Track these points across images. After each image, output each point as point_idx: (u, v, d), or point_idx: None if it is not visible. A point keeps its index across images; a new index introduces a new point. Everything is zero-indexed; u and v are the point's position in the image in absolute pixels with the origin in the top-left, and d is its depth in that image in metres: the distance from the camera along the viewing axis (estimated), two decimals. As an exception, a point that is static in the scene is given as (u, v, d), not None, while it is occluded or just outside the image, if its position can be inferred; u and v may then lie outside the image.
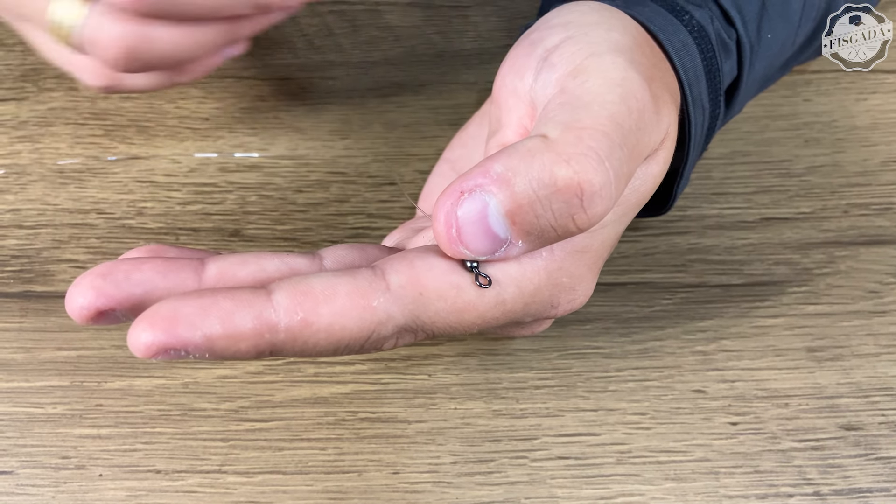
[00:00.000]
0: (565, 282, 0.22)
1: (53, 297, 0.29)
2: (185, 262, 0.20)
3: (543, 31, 0.23)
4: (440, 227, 0.20)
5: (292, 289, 0.19)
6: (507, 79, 0.23)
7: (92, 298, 0.19)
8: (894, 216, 0.31)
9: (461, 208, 0.19)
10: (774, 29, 0.28)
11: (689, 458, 0.27)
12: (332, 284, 0.19)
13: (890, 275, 0.30)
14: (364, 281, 0.20)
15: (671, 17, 0.25)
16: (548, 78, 0.22)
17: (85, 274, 0.19)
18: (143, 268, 0.19)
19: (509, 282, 0.21)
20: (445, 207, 0.19)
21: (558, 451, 0.27)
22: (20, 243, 0.30)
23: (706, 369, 0.28)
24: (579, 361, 0.28)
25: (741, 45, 0.27)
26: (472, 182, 0.19)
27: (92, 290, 0.19)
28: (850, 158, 0.33)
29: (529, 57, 0.23)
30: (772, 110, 0.33)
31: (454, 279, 0.20)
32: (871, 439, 0.27)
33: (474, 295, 0.20)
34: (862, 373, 0.28)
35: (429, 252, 0.21)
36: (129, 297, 0.19)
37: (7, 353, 0.28)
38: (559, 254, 0.22)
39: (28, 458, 0.26)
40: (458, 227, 0.19)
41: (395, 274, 0.20)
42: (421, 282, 0.20)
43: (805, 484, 0.27)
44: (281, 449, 0.27)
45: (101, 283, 0.19)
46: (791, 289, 0.30)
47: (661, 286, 0.30)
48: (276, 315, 0.19)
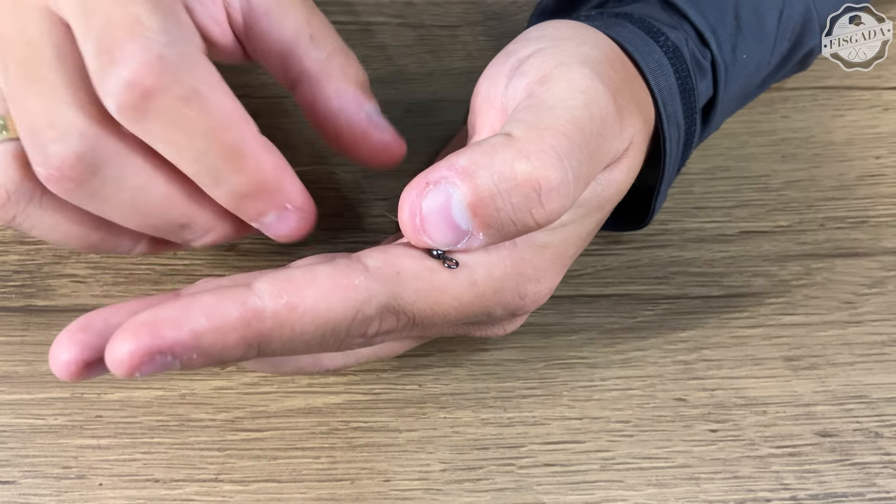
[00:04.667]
0: (530, 273, 0.23)
1: (54, 311, 0.30)
2: (164, 296, 0.20)
3: (519, 44, 0.24)
4: (405, 217, 0.21)
5: (273, 277, 0.19)
6: (482, 87, 0.25)
7: (76, 352, 0.19)
8: (869, 229, 0.32)
9: (426, 199, 0.20)
10: (749, 49, 0.29)
11: (670, 464, 0.28)
12: (311, 270, 0.20)
13: (865, 286, 0.31)
14: (342, 265, 0.20)
15: (647, 38, 0.26)
16: (518, 84, 0.23)
17: (63, 331, 0.19)
18: (120, 312, 0.19)
19: (478, 265, 0.22)
20: (411, 198, 0.20)
21: (544, 459, 0.28)
22: (22, 259, 0.31)
23: (687, 378, 0.29)
24: (565, 371, 0.29)
25: (716, 65, 0.28)
26: (437, 174, 0.20)
27: (74, 344, 0.19)
28: (826, 173, 0.34)
29: (503, 66, 0.24)
30: (751, 126, 0.34)
31: (427, 262, 0.21)
32: (846, 445, 0.28)
33: (447, 275, 0.21)
34: (837, 381, 0.29)
35: (400, 243, 0.22)
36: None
37: (9, 365, 0.29)
38: (522, 247, 0.23)
39: (30, 469, 0.27)
40: (421, 217, 0.20)
41: (370, 258, 0.21)
42: (396, 263, 0.21)
43: (782, 489, 0.28)
44: (276, 458, 0.28)
45: (81, 336, 0.19)
46: (769, 300, 0.31)
47: (643, 298, 0.31)
48: (260, 301, 0.19)
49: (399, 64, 0.36)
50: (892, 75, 0.36)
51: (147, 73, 0.19)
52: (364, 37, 0.36)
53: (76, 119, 0.21)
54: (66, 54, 0.21)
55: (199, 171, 0.21)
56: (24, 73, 0.21)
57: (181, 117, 0.20)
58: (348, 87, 0.25)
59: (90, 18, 0.20)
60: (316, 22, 0.25)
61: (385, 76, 0.36)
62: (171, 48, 0.20)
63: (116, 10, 0.20)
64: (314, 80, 0.25)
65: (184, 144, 0.21)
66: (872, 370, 0.30)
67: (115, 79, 0.20)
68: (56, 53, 0.21)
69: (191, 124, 0.20)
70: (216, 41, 0.25)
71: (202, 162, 0.21)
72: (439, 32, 0.37)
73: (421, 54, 0.36)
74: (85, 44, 0.20)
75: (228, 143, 0.21)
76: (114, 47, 0.20)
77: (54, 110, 0.21)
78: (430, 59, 0.36)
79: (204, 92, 0.20)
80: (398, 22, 0.37)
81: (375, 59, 0.36)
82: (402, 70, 0.36)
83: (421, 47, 0.36)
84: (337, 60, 0.25)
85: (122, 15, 0.20)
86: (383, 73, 0.36)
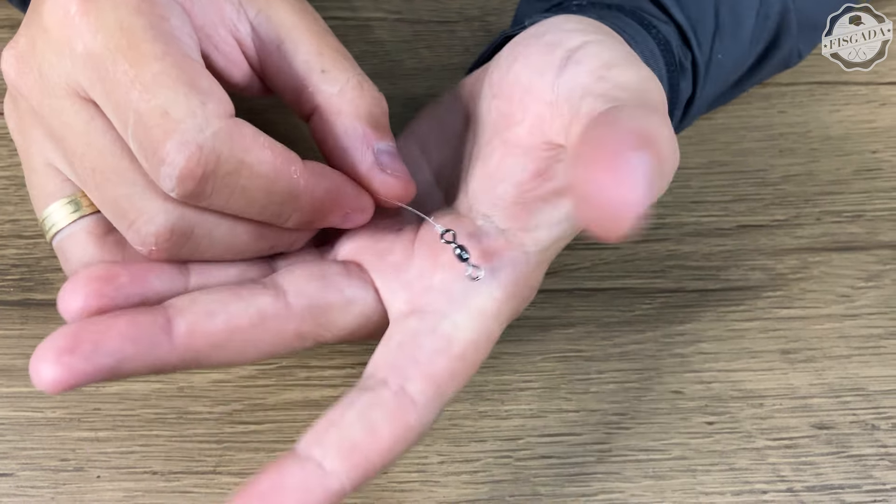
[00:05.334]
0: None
1: (52, 305, 0.30)
2: (151, 321, 0.21)
3: (559, 35, 0.23)
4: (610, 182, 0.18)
5: (339, 447, 0.21)
6: (521, 76, 0.23)
7: (65, 375, 0.20)
8: (866, 223, 0.32)
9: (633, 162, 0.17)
10: (726, 50, 0.29)
11: (667, 456, 0.28)
12: (370, 425, 0.22)
13: (861, 279, 0.31)
14: (394, 407, 0.22)
15: (640, 28, 0.27)
16: (576, 71, 0.22)
17: (48, 343, 0.20)
18: (111, 334, 0.20)
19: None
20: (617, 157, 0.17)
21: (542, 451, 0.28)
22: (20, 253, 0.31)
23: (684, 371, 0.29)
24: (562, 364, 0.29)
25: (696, 65, 0.28)
26: (629, 144, 0.17)
27: (60, 366, 0.20)
28: (823, 168, 0.34)
29: (550, 55, 0.23)
30: (748, 121, 0.35)
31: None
32: (842, 438, 0.28)
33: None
34: (834, 374, 0.29)
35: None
36: (101, 369, 0.20)
37: (8, 359, 0.29)
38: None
39: (28, 461, 0.27)
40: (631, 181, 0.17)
41: (412, 384, 0.23)
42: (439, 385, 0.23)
43: (779, 481, 0.28)
44: (274, 450, 0.28)
45: (69, 359, 0.20)
46: (766, 293, 0.31)
47: (640, 291, 0.31)
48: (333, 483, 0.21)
49: (396, 59, 0.36)
50: (888, 71, 0.36)
51: (193, 166, 0.20)
52: (362, 32, 0.37)
53: (154, 200, 0.22)
54: (115, 139, 0.22)
55: (266, 217, 0.23)
56: (90, 165, 0.22)
57: (235, 189, 0.21)
58: (357, 126, 0.24)
59: (123, 116, 0.21)
60: (328, 53, 0.25)
61: (382, 71, 0.36)
62: (204, 131, 0.21)
63: (143, 107, 0.20)
64: (325, 117, 0.25)
65: (244, 205, 0.22)
66: (869, 363, 0.30)
67: (167, 179, 0.21)
68: (108, 140, 0.22)
69: (245, 192, 0.22)
70: (236, 82, 0.25)
71: (265, 212, 0.23)
72: (437, 28, 0.37)
73: (418, 50, 0.36)
74: (129, 142, 0.21)
75: (282, 191, 0.22)
76: (155, 149, 0.21)
77: (132, 195, 0.22)
78: (428, 54, 0.36)
79: (247, 158, 0.21)
80: (396, 18, 0.37)
81: (373, 54, 0.36)
82: (400, 65, 0.36)
83: (418, 43, 0.36)
84: (349, 95, 0.24)
85: (150, 111, 0.20)
86: (381, 69, 0.36)
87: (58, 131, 0.23)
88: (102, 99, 0.21)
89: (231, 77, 0.25)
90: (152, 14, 0.21)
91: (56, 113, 0.22)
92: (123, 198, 0.22)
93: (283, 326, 0.23)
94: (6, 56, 0.23)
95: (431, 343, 0.23)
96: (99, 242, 0.24)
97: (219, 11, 0.24)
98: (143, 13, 0.21)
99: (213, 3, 0.24)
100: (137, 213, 0.22)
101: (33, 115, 0.24)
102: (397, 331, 0.24)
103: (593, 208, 0.17)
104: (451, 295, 0.24)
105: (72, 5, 0.21)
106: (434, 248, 0.24)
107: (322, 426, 0.22)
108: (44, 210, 0.25)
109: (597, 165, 0.17)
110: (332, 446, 0.21)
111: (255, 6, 0.24)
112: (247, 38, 0.25)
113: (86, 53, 0.21)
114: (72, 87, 0.22)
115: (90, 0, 0.21)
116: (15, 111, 0.25)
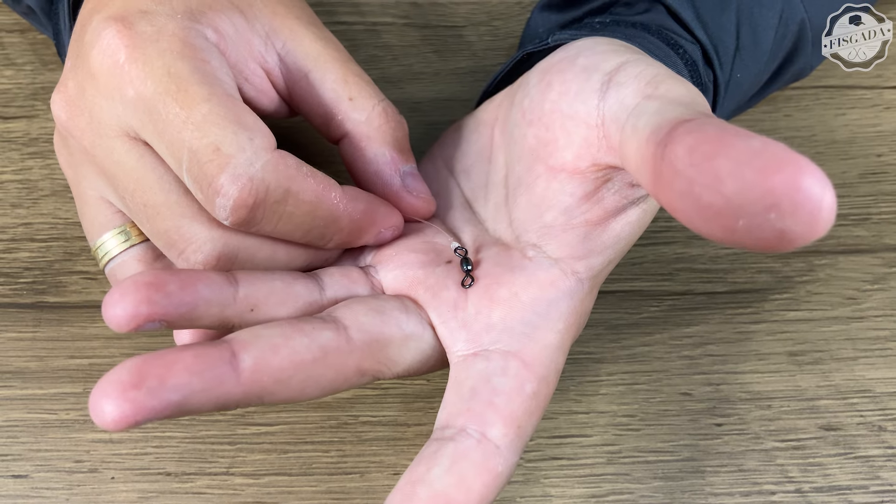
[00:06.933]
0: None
1: (65, 307, 0.30)
2: (217, 355, 0.20)
3: (594, 58, 0.23)
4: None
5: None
6: (560, 104, 0.23)
7: (130, 412, 0.19)
8: (872, 226, 0.33)
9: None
10: (745, 68, 0.30)
11: (676, 457, 0.28)
12: (464, 484, 0.21)
13: (867, 282, 0.32)
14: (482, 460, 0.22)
15: (669, 49, 0.27)
16: (620, 93, 0.22)
17: (111, 377, 0.19)
18: (177, 368, 0.19)
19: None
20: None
21: (552, 452, 0.28)
22: (33, 256, 0.31)
23: (692, 373, 0.30)
24: (571, 366, 0.30)
25: (717, 84, 0.29)
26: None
27: (125, 402, 0.19)
28: (829, 171, 0.34)
29: (588, 81, 0.23)
30: (753, 125, 0.35)
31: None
32: (849, 439, 0.29)
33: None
34: (841, 376, 0.30)
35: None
36: (167, 405, 0.19)
37: (22, 361, 0.29)
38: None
39: (42, 463, 0.28)
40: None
41: (493, 429, 0.23)
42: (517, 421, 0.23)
43: (787, 482, 0.28)
44: (286, 451, 0.28)
45: (134, 394, 0.19)
46: (773, 296, 0.31)
47: (649, 294, 0.31)
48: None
49: (405, 64, 0.36)
50: (893, 75, 0.36)
51: (245, 196, 0.22)
52: (370, 37, 0.37)
53: (202, 229, 0.24)
54: (165, 174, 0.24)
55: (309, 240, 0.25)
56: (141, 200, 0.24)
57: (283, 215, 0.23)
58: (385, 152, 0.26)
59: (177, 153, 0.22)
60: (353, 80, 0.26)
61: (391, 76, 0.36)
62: (254, 164, 0.22)
63: (196, 144, 0.22)
64: (355, 143, 0.26)
65: (290, 230, 0.24)
66: (875, 365, 0.30)
67: (222, 209, 0.22)
68: (158, 176, 0.24)
69: (291, 217, 0.23)
70: (266, 109, 0.26)
71: (309, 235, 0.24)
72: (445, 33, 0.37)
73: (426, 54, 0.36)
74: (183, 177, 0.23)
75: (324, 216, 0.24)
76: (210, 182, 0.22)
77: (181, 226, 0.24)
78: (436, 58, 0.36)
79: (293, 188, 0.23)
80: (404, 22, 0.37)
81: (382, 58, 0.36)
82: (408, 70, 0.36)
83: (426, 47, 0.37)
84: (376, 122, 0.26)
85: (204, 148, 0.22)
86: (389, 73, 0.36)
87: (110, 170, 0.24)
88: (155, 139, 0.23)
89: (261, 105, 0.26)
90: (195, 58, 0.23)
91: (108, 153, 0.24)
92: (173, 230, 0.24)
93: (345, 362, 0.22)
94: (56, 100, 0.25)
95: (504, 385, 0.23)
96: (148, 269, 0.26)
97: (248, 46, 0.25)
98: (186, 58, 0.22)
99: (243, 39, 0.25)
100: (186, 243, 0.24)
101: (84, 154, 0.25)
102: (466, 375, 0.24)
103: (779, 211, 0.16)
104: (513, 333, 0.24)
105: (120, 54, 0.23)
106: (487, 283, 0.25)
107: (407, 486, 0.21)
108: (97, 240, 0.26)
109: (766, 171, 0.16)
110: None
111: (281, 38, 0.26)
112: (275, 69, 0.26)
113: (136, 98, 0.22)
114: (123, 129, 0.23)
115: (137, 47, 0.22)
116: (65, 149, 0.26)
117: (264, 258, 0.25)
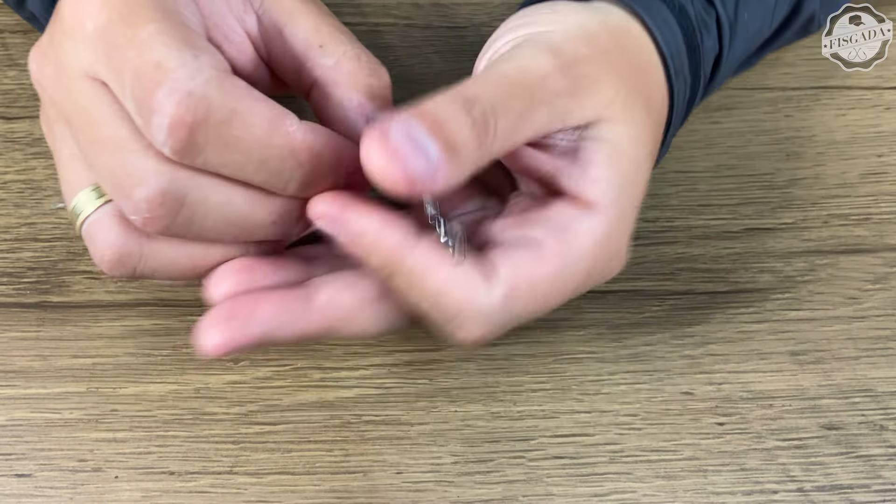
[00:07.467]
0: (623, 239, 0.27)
1: (69, 307, 0.30)
2: (295, 294, 0.23)
3: (510, 23, 0.26)
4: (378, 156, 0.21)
5: None
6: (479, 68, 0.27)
7: (225, 338, 0.22)
8: (872, 226, 0.33)
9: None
10: (751, 10, 0.30)
11: (678, 456, 0.28)
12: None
13: (868, 282, 0.32)
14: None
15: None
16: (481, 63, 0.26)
17: (213, 313, 0.23)
18: (262, 305, 0.23)
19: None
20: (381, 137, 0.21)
21: (554, 451, 0.28)
22: (36, 256, 0.31)
23: (694, 372, 0.30)
24: (573, 365, 0.30)
25: (720, 23, 0.29)
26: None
27: (224, 331, 0.22)
28: (829, 171, 0.34)
29: (486, 50, 0.26)
30: (755, 125, 0.35)
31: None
32: (851, 438, 0.29)
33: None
34: (842, 375, 0.30)
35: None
36: (254, 336, 0.22)
37: (25, 360, 0.29)
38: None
39: (46, 462, 0.28)
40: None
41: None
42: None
43: (789, 481, 0.28)
44: (289, 451, 0.28)
45: (228, 324, 0.22)
46: (774, 295, 0.31)
47: (650, 294, 0.31)
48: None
49: (406, 65, 0.36)
50: (893, 75, 0.36)
51: (183, 112, 0.20)
52: (372, 38, 0.37)
53: (147, 162, 0.22)
54: (117, 111, 0.22)
55: (266, 179, 0.22)
56: (90, 137, 0.23)
57: (229, 139, 0.21)
58: (353, 97, 0.25)
59: (122, 77, 0.21)
60: (326, 29, 0.25)
61: (393, 77, 0.36)
62: (195, 79, 0.20)
63: (139, 62, 0.21)
64: (322, 88, 0.25)
65: (242, 162, 0.22)
66: (877, 364, 0.30)
67: (159, 130, 0.21)
68: (110, 111, 0.22)
69: (240, 142, 0.21)
70: (248, 74, 0.26)
71: (264, 171, 0.22)
72: (446, 34, 0.37)
73: (428, 55, 0.37)
74: (126, 103, 0.22)
75: (279, 144, 0.22)
76: (147, 100, 0.21)
77: (126, 161, 0.22)
78: (438, 59, 0.36)
79: (240, 108, 0.21)
80: (405, 23, 0.37)
81: (383, 60, 0.36)
82: (410, 70, 0.36)
83: (428, 48, 0.37)
84: (346, 66, 0.25)
85: (145, 64, 0.21)
86: (391, 74, 0.36)
87: (67, 111, 0.23)
88: (105, 70, 0.22)
89: (241, 66, 0.25)
90: None
91: (67, 94, 0.23)
92: (118, 166, 0.22)
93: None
94: (31, 55, 0.24)
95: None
96: (123, 224, 0.24)
97: (226, 2, 0.25)
98: None
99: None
100: (128, 176, 0.22)
101: (53, 106, 0.24)
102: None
103: None
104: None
105: None
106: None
107: None
108: (72, 200, 0.25)
109: None
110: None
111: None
112: (253, 29, 0.25)
113: (93, 31, 0.22)
114: (83, 70, 0.22)
115: None
116: (43, 113, 0.26)
117: (218, 203, 0.22)
